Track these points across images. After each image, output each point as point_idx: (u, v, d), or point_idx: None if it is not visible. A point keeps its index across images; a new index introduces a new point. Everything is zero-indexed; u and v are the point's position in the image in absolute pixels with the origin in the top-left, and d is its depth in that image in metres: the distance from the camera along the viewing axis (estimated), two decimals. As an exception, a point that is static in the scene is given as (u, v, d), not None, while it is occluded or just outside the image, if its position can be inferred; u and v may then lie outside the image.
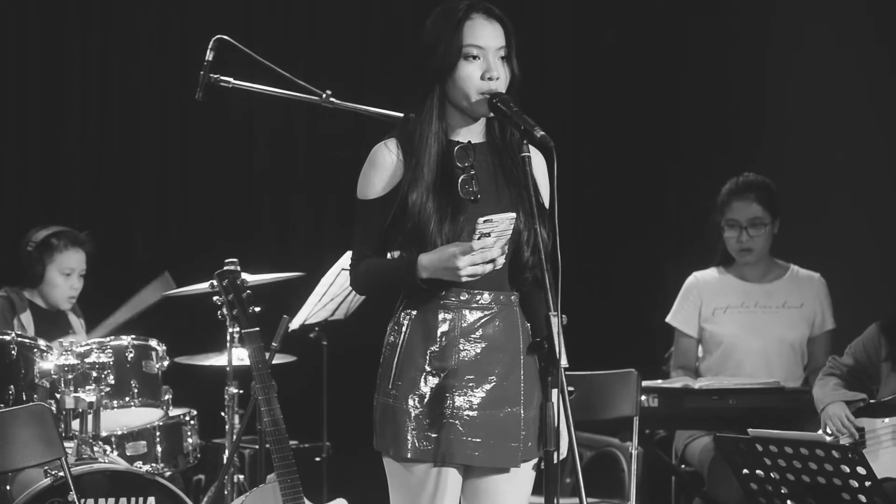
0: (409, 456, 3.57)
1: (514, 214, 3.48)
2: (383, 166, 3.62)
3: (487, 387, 3.60)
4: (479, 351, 3.61)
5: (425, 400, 3.57)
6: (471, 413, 3.58)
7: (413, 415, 3.57)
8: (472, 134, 3.66)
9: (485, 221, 3.43)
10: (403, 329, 3.62)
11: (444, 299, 3.60)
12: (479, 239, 3.45)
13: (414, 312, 3.61)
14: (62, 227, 6.01)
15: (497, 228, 3.45)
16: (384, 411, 3.62)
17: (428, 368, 3.59)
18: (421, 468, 3.59)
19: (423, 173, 3.58)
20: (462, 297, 3.60)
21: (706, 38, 7.23)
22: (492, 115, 3.59)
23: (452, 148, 3.62)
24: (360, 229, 3.65)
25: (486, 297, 3.61)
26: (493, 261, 3.48)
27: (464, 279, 3.50)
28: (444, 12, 3.61)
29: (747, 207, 5.77)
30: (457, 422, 3.57)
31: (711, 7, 7.21)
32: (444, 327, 3.59)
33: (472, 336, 3.60)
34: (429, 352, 3.59)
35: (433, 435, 3.57)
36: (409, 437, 3.58)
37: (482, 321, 3.61)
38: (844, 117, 6.64)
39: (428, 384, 3.58)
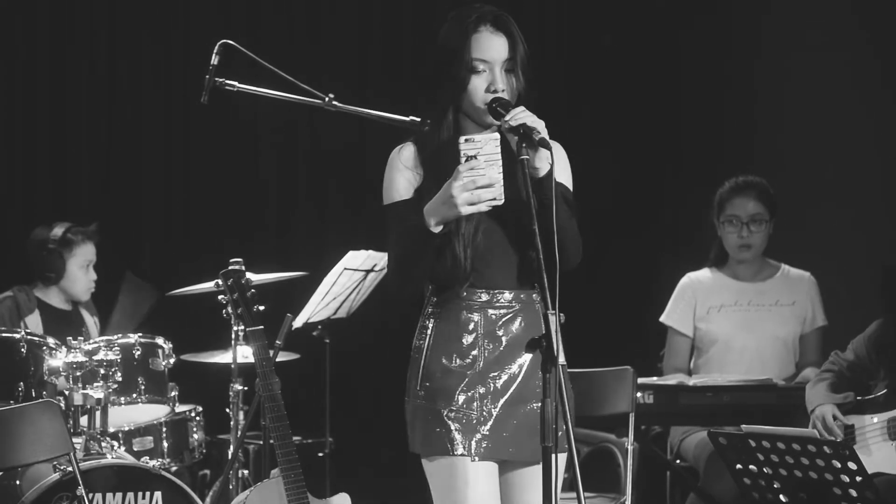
0: (445, 454, 3.59)
1: (498, 136, 3.45)
2: (404, 168, 3.66)
3: (512, 384, 3.63)
4: (502, 349, 3.64)
5: (453, 399, 3.60)
6: (497, 410, 3.60)
7: (443, 414, 3.60)
8: None
9: (466, 141, 3.42)
10: (428, 332, 3.66)
11: (467, 300, 3.63)
12: (465, 161, 3.42)
13: (438, 315, 3.65)
14: (67, 223, 6.03)
15: (483, 150, 3.41)
16: (414, 413, 3.66)
17: (454, 368, 3.61)
18: (458, 466, 3.59)
19: (439, 179, 3.56)
20: (483, 298, 3.63)
21: (701, 42, 7.27)
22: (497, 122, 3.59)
23: None
24: (391, 232, 3.63)
25: (507, 295, 3.65)
26: (489, 188, 3.42)
27: (464, 210, 3.44)
28: (455, 21, 3.64)
29: (749, 204, 5.78)
30: (485, 418, 3.60)
31: (707, 10, 7.26)
32: (467, 327, 3.62)
33: (496, 334, 3.64)
34: (454, 352, 3.62)
35: (465, 432, 3.58)
36: (441, 437, 3.59)
37: (505, 319, 3.64)
38: (835, 120, 6.65)
39: (455, 383, 3.60)
